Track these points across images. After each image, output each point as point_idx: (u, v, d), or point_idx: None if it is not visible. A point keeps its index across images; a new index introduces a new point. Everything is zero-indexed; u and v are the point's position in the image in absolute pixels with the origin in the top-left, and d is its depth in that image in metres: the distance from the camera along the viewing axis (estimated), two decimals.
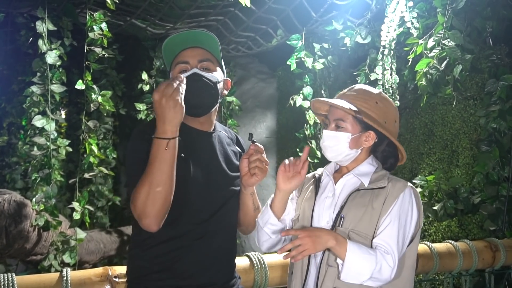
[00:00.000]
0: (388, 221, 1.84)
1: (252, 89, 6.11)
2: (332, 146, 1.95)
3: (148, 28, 4.78)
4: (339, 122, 1.94)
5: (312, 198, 2.00)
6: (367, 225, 1.87)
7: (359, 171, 1.96)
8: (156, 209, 1.69)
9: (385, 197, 1.88)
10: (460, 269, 3.20)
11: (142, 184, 1.69)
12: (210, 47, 1.92)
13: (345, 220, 1.88)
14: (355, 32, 4.18)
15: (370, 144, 1.97)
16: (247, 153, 1.89)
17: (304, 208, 2.00)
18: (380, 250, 1.81)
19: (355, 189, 1.92)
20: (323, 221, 1.92)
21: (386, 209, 1.86)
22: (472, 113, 3.98)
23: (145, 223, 1.71)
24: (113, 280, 2.18)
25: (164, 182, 1.68)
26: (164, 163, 1.68)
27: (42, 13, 3.89)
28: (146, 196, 1.68)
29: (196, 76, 1.86)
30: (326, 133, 1.96)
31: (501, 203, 3.61)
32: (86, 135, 4.20)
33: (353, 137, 1.93)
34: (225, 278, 1.96)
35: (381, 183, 1.91)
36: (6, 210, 3.90)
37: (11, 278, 2.05)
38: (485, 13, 3.52)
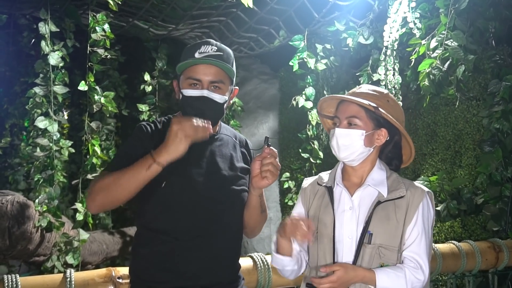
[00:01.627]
0: (416, 233, 1.86)
1: (254, 90, 6.11)
2: (347, 145, 1.90)
3: (150, 29, 4.78)
4: (352, 119, 1.90)
5: (329, 213, 1.93)
6: (393, 238, 1.87)
7: (374, 180, 1.93)
8: (104, 201, 1.79)
9: (407, 207, 1.88)
10: (463, 270, 3.20)
11: (108, 177, 1.77)
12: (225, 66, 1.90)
13: (373, 236, 1.86)
14: (358, 33, 4.18)
15: (382, 142, 1.94)
16: (260, 156, 1.89)
17: (322, 225, 1.94)
18: (408, 267, 1.84)
19: (375, 202, 1.89)
20: (344, 237, 1.89)
21: (410, 219, 1.87)
22: (475, 114, 3.98)
23: (88, 203, 1.83)
24: (116, 281, 2.18)
25: (127, 191, 1.76)
26: (139, 179, 1.74)
27: (44, 15, 3.90)
28: (104, 188, 1.77)
29: (205, 99, 1.87)
30: (338, 131, 1.91)
31: (504, 203, 3.61)
32: (89, 136, 4.20)
33: (367, 134, 1.89)
34: (229, 279, 1.96)
35: (400, 192, 1.90)
36: (9, 211, 3.90)
37: (15, 279, 2.05)
38: (487, 13, 3.52)
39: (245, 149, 2.07)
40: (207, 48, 1.90)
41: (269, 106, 6.06)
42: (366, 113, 1.90)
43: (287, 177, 5.17)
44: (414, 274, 1.83)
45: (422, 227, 1.87)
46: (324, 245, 1.92)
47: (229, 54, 1.95)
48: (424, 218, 1.88)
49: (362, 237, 1.86)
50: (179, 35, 5.12)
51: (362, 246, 1.86)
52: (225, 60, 1.90)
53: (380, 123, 1.92)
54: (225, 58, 1.91)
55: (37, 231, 4.02)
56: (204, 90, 1.87)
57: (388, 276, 1.81)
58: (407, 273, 1.82)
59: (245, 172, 2.00)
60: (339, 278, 1.78)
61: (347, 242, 1.89)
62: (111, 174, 1.78)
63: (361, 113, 1.90)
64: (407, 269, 1.83)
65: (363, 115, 1.90)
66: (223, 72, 1.90)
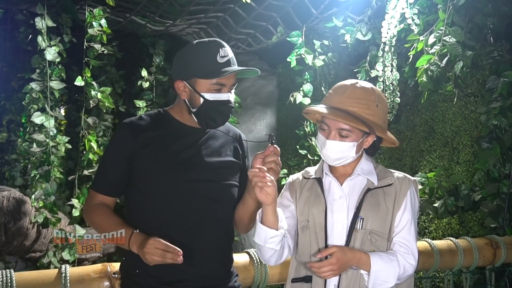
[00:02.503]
0: (405, 219, 1.90)
1: (252, 86, 6.10)
2: (338, 157, 1.90)
3: (148, 25, 4.77)
4: (343, 132, 1.88)
5: (320, 203, 1.94)
6: (383, 224, 1.90)
7: (363, 169, 1.95)
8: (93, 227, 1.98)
9: (395, 194, 1.92)
10: (460, 267, 3.19)
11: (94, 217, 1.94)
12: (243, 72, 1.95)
13: (364, 221, 1.88)
14: (356, 29, 4.16)
15: (370, 144, 1.95)
16: (263, 153, 1.86)
17: (314, 214, 1.95)
18: (399, 252, 1.87)
19: (365, 189, 1.92)
20: (336, 224, 1.90)
21: (398, 206, 1.91)
22: (473, 110, 3.97)
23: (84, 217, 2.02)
24: (112, 277, 2.17)
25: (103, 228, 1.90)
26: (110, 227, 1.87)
27: (41, 10, 3.88)
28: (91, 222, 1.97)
29: (229, 103, 1.90)
30: (330, 143, 1.89)
31: (502, 200, 3.60)
32: (86, 132, 4.19)
33: (358, 144, 1.90)
34: (218, 273, 1.95)
35: (388, 180, 1.94)
36: (5, 207, 3.89)
37: (9, 274, 2.03)
38: (486, 9, 3.51)
39: (238, 144, 2.06)
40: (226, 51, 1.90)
41: (266, 102, 6.05)
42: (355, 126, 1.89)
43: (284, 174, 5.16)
44: (406, 258, 1.87)
45: (411, 214, 1.91)
46: (316, 233, 1.93)
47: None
48: (412, 205, 1.92)
49: (353, 223, 1.89)
50: (176, 31, 5.11)
51: (353, 231, 1.89)
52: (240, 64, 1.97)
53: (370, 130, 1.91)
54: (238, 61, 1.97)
55: (34, 227, 4.01)
56: (228, 94, 1.90)
57: (382, 259, 1.83)
58: (400, 257, 1.86)
59: (235, 167, 1.99)
60: (339, 259, 1.78)
61: (338, 229, 1.90)
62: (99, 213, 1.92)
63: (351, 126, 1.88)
64: (399, 254, 1.87)
65: (353, 127, 1.88)
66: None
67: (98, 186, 1.93)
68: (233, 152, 2.02)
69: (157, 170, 1.86)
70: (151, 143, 1.88)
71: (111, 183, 1.91)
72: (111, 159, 1.94)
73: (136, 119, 1.95)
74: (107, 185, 1.92)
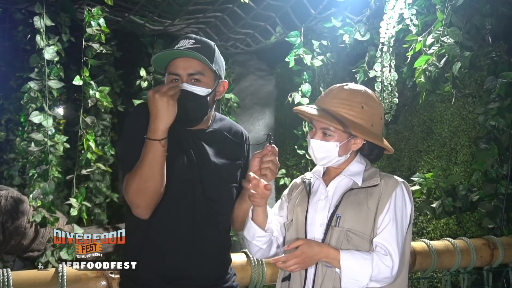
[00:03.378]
0: (387, 220, 1.85)
1: (250, 86, 6.10)
2: (322, 156, 1.92)
3: (147, 24, 4.76)
4: (326, 131, 1.90)
5: (304, 202, 1.97)
6: (364, 225, 1.86)
7: (350, 171, 1.95)
8: (146, 201, 1.77)
9: (379, 195, 1.88)
10: (458, 267, 3.20)
11: (133, 177, 1.76)
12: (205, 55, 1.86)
13: (341, 219, 1.86)
14: (354, 29, 4.17)
15: (359, 147, 1.95)
16: (261, 153, 1.87)
17: (297, 213, 1.98)
18: (377, 253, 1.82)
19: (348, 189, 1.91)
20: (317, 223, 1.91)
21: (382, 207, 1.86)
22: (470, 111, 3.97)
23: (137, 212, 1.80)
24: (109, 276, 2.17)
25: (154, 178, 1.75)
26: (154, 161, 1.73)
27: (39, 9, 3.88)
28: (137, 189, 1.75)
29: (184, 92, 1.83)
30: (314, 142, 1.92)
31: (500, 201, 3.60)
32: (84, 131, 4.18)
33: (342, 145, 1.90)
34: (216, 273, 1.95)
35: (374, 181, 1.91)
36: (3, 206, 3.89)
37: (6, 273, 2.04)
38: (484, 10, 3.51)
39: (239, 142, 2.05)
40: (184, 42, 1.88)
41: (265, 102, 6.06)
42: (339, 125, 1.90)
43: (282, 174, 5.17)
44: (382, 259, 1.80)
45: (393, 215, 1.85)
46: (297, 231, 1.95)
47: (209, 45, 1.91)
48: (397, 207, 1.87)
49: (331, 220, 1.88)
50: (175, 30, 5.11)
51: (329, 228, 1.87)
52: (203, 51, 1.86)
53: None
54: (203, 49, 1.87)
55: (31, 226, 4.00)
56: (183, 84, 1.84)
57: (353, 256, 1.79)
58: (375, 257, 1.80)
59: (235, 166, 1.99)
60: (304, 252, 1.78)
61: (318, 228, 1.90)
62: (131, 175, 1.77)
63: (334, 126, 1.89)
64: (375, 254, 1.81)
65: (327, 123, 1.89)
66: (202, 64, 1.86)
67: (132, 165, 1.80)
68: (234, 151, 2.02)
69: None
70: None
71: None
72: (135, 138, 1.83)
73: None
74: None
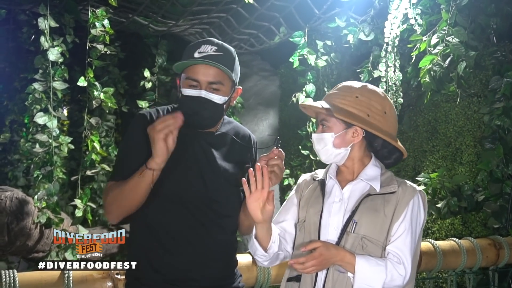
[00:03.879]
0: (402, 229, 1.84)
1: (254, 86, 6.10)
2: (321, 149, 1.92)
3: (150, 25, 4.77)
4: (323, 122, 1.91)
5: (318, 203, 1.94)
6: (379, 232, 1.85)
7: (367, 175, 1.91)
8: (118, 212, 1.84)
9: (396, 203, 1.87)
10: (463, 267, 3.18)
11: (116, 188, 1.81)
12: (225, 65, 1.86)
13: (357, 225, 1.85)
14: (358, 29, 4.16)
15: (359, 140, 1.91)
16: (267, 156, 1.86)
17: (310, 214, 1.94)
18: (391, 260, 1.81)
19: (365, 194, 1.89)
20: (331, 226, 1.88)
21: (398, 216, 1.85)
22: (476, 111, 3.96)
23: (107, 217, 1.90)
24: (115, 277, 2.17)
25: (133, 198, 1.79)
26: (139, 186, 1.77)
27: (44, 10, 3.88)
28: (114, 200, 1.81)
29: (203, 99, 1.84)
30: (314, 136, 1.95)
31: (505, 200, 3.59)
32: (88, 132, 4.19)
33: (337, 136, 1.89)
34: (222, 274, 1.94)
35: (392, 188, 1.89)
36: (8, 207, 3.89)
37: (12, 274, 2.04)
38: (489, 9, 3.50)
39: (246, 146, 2.05)
40: (207, 47, 1.88)
41: (269, 102, 6.05)
42: (332, 116, 1.89)
43: (287, 174, 5.16)
44: (396, 267, 1.80)
45: (409, 224, 1.84)
46: (310, 233, 1.92)
47: (230, 54, 1.91)
48: (413, 216, 1.86)
49: (346, 225, 1.86)
50: (179, 31, 5.11)
51: (345, 234, 1.86)
52: (225, 61, 1.87)
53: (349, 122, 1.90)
54: (225, 58, 1.87)
55: (36, 227, 4.01)
56: (202, 91, 1.84)
57: (368, 262, 1.78)
58: (389, 264, 1.80)
59: (241, 169, 1.98)
60: (322, 254, 1.76)
61: (332, 232, 1.88)
62: (114, 186, 1.81)
63: (328, 116, 1.91)
64: (389, 261, 1.80)
65: (330, 118, 1.90)
66: (222, 73, 1.87)
67: (120, 175, 1.85)
68: (241, 154, 2.01)
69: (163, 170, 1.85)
70: None
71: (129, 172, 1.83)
72: (128, 149, 1.89)
73: (153, 111, 1.94)
74: (129, 173, 1.82)
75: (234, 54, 1.93)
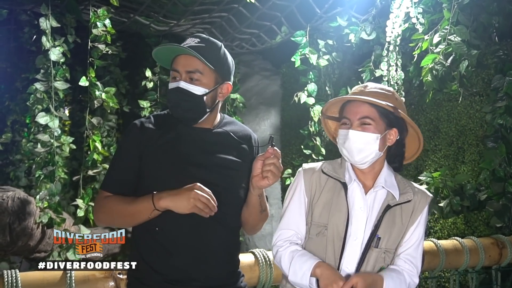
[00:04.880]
0: (416, 237, 1.89)
1: (256, 86, 6.09)
2: (361, 148, 1.83)
3: (152, 25, 4.77)
4: (365, 120, 1.82)
5: (343, 212, 1.87)
6: (396, 241, 1.88)
7: (386, 182, 1.88)
8: (108, 223, 1.95)
9: (412, 211, 1.89)
10: (466, 266, 3.18)
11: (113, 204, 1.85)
12: (205, 55, 1.85)
13: (381, 241, 1.86)
14: (360, 28, 4.15)
15: (393, 142, 1.89)
16: (263, 155, 1.85)
17: (334, 221, 1.87)
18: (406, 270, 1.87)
19: (385, 205, 1.87)
20: (356, 237, 1.86)
21: (412, 222, 1.89)
22: (478, 109, 3.95)
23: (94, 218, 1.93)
24: (117, 277, 2.17)
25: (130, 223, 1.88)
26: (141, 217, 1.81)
27: (45, 10, 3.88)
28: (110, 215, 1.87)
29: (180, 90, 1.85)
30: (352, 133, 1.83)
31: (508, 199, 3.58)
32: (90, 132, 4.19)
33: (382, 137, 1.84)
34: (223, 273, 1.93)
35: (408, 196, 1.88)
36: (10, 207, 3.89)
37: (14, 274, 2.03)
38: (491, 8, 3.49)
39: (246, 145, 2.04)
40: (191, 40, 1.89)
41: (271, 102, 6.05)
42: (378, 113, 1.84)
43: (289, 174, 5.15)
44: (412, 277, 1.87)
45: (422, 233, 1.90)
46: (334, 242, 1.86)
47: (214, 46, 1.90)
48: (424, 222, 1.92)
49: (370, 241, 1.84)
50: (180, 31, 5.11)
51: (369, 249, 1.84)
52: (206, 51, 1.86)
53: (391, 123, 1.86)
54: (206, 49, 1.87)
55: (38, 227, 4.01)
56: (180, 82, 1.85)
57: (393, 281, 1.81)
58: (406, 277, 1.86)
59: (241, 168, 1.97)
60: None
61: (352, 242, 1.85)
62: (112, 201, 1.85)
63: (374, 113, 1.83)
64: (405, 273, 1.86)
65: (376, 115, 1.83)
66: (201, 63, 1.86)
67: (108, 186, 1.90)
68: (240, 153, 2.00)
69: (163, 171, 1.85)
70: (158, 144, 1.88)
71: (120, 183, 1.89)
72: (120, 159, 1.92)
73: (145, 120, 1.95)
74: (117, 184, 1.89)
75: (220, 47, 1.92)
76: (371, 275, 1.80)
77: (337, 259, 1.85)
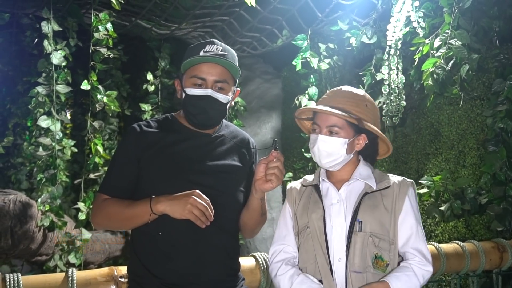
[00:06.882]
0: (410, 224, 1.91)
1: (257, 89, 6.09)
2: (329, 152, 1.92)
3: (153, 28, 4.78)
4: (333, 128, 1.92)
5: (319, 208, 1.96)
6: (384, 227, 1.90)
7: (362, 174, 1.97)
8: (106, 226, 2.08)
9: (393, 196, 1.93)
10: (467, 270, 3.18)
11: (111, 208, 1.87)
12: (230, 65, 1.91)
13: (363, 224, 1.89)
14: (361, 32, 4.16)
15: (362, 147, 1.97)
16: (266, 159, 1.87)
17: (313, 219, 1.96)
18: (415, 263, 1.88)
19: (363, 193, 1.93)
20: (335, 228, 1.91)
21: (400, 209, 1.92)
22: (479, 113, 3.96)
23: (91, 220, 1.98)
24: (118, 280, 2.17)
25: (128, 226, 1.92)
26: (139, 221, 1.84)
27: (47, 14, 3.90)
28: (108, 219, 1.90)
29: (210, 99, 1.88)
30: (321, 138, 1.93)
31: (509, 203, 3.58)
32: (92, 135, 4.20)
33: (349, 142, 1.92)
34: (222, 277, 1.94)
35: (386, 183, 1.95)
36: (12, 211, 3.90)
37: (16, 278, 2.04)
38: (491, 12, 3.50)
39: (245, 149, 2.05)
40: (212, 47, 1.90)
41: (272, 105, 6.04)
42: (346, 122, 1.92)
43: (290, 177, 5.16)
44: (422, 267, 1.87)
45: (415, 218, 1.92)
46: (318, 237, 1.94)
47: (233, 54, 1.96)
48: (414, 208, 1.94)
49: (352, 226, 1.90)
50: (182, 34, 5.12)
51: (352, 234, 1.89)
52: (230, 60, 1.91)
53: (359, 129, 1.94)
54: (230, 58, 1.91)
55: (40, 230, 4.02)
56: (208, 90, 1.87)
57: (400, 281, 1.83)
58: (415, 269, 1.86)
59: (240, 172, 1.98)
60: None
61: (337, 233, 1.91)
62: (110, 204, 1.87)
63: (341, 122, 1.92)
64: (413, 266, 1.87)
65: (344, 123, 1.92)
66: (227, 72, 1.91)
67: (106, 189, 1.92)
68: (239, 157, 2.01)
69: (162, 174, 1.86)
70: (156, 148, 1.89)
71: (118, 186, 1.91)
72: (118, 163, 1.94)
73: (143, 124, 1.96)
74: (115, 188, 1.91)
75: (236, 55, 1.98)
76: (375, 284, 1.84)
77: (325, 252, 1.91)
